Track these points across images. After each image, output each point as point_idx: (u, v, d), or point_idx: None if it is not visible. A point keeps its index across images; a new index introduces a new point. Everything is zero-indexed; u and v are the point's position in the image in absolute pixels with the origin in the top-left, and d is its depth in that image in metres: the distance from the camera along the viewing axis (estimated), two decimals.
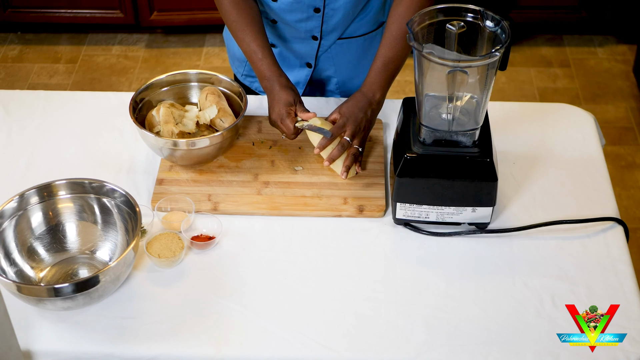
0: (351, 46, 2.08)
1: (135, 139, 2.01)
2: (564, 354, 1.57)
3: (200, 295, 1.67)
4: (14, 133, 2.04)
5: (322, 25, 1.99)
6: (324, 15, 1.96)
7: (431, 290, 1.68)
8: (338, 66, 2.11)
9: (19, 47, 3.94)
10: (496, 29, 1.62)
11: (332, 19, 1.97)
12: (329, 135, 1.82)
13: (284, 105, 1.86)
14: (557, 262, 1.73)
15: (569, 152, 1.98)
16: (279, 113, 1.87)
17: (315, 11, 1.95)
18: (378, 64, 1.90)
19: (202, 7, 3.79)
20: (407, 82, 3.67)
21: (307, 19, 1.97)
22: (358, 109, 1.86)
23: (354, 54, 2.09)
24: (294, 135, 1.87)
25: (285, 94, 1.87)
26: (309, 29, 2.00)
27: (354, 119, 1.84)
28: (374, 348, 1.58)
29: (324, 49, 2.07)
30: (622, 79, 3.72)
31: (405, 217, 1.78)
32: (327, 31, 2.01)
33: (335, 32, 2.02)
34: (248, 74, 2.19)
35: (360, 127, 1.84)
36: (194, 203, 1.81)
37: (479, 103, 1.70)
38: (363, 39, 2.08)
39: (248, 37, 1.93)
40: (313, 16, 1.96)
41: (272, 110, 1.89)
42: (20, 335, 1.50)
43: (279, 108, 1.87)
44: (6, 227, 1.69)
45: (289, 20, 1.98)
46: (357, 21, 2.03)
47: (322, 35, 2.02)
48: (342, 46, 2.08)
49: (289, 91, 1.88)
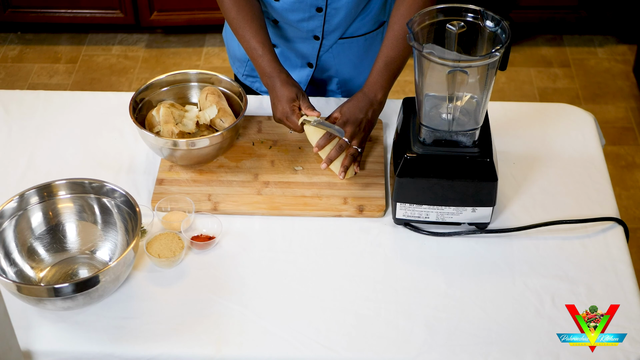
0: (352, 46, 2.08)
1: (135, 139, 2.01)
2: (564, 354, 1.57)
3: (200, 295, 1.67)
4: (14, 133, 2.04)
5: (324, 24, 1.99)
6: (326, 14, 1.96)
7: (431, 290, 1.68)
8: (339, 66, 2.11)
9: (19, 47, 3.94)
10: (496, 29, 1.62)
11: (334, 18, 1.97)
12: (342, 133, 1.81)
13: (287, 102, 1.86)
14: (557, 262, 1.73)
15: (569, 152, 1.98)
16: (283, 111, 1.87)
17: (317, 10, 1.95)
18: (380, 64, 1.90)
19: (202, 7, 3.78)
20: (407, 82, 3.67)
21: (309, 19, 1.97)
22: (358, 109, 1.86)
23: (355, 53, 2.09)
24: (302, 130, 1.87)
25: (287, 90, 1.87)
26: (311, 29, 2.00)
27: (353, 120, 1.84)
28: (374, 348, 1.58)
29: (325, 48, 2.07)
30: (622, 79, 3.72)
31: (405, 217, 1.78)
32: (329, 31, 2.01)
33: (336, 31, 2.02)
34: (249, 74, 2.19)
35: (360, 128, 1.84)
36: (194, 203, 1.81)
37: (479, 103, 1.70)
38: (364, 38, 2.08)
39: (248, 34, 1.92)
40: (315, 16, 1.96)
41: (275, 108, 1.89)
42: (20, 335, 1.50)
43: (283, 106, 1.86)
44: (6, 227, 1.69)
45: (291, 19, 1.98)
46: (358, 21, 2.03)
47: (324, 34, 2.02)
48: (343, 46, 2.08)
49: (290, 87, 1.88)
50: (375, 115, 1.88)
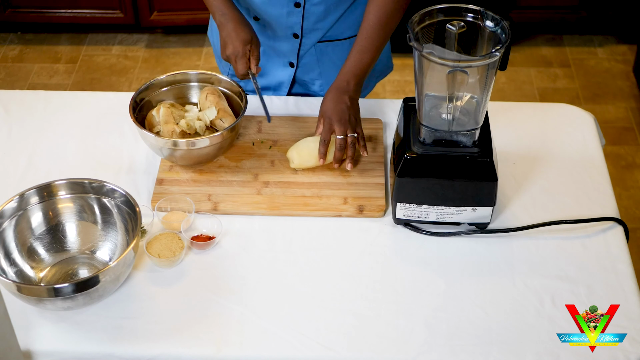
0: (336, 49, 2.08)
1: (135, 139, 2.01)
2: (564, 354, 1.57)
3: (200, 295, 1.67)
4: (14, 133, 2.04)
5: (303, 21, 1.99)
6: (304, 10, 1.96)
7: (431, 290, 1.68)
8: (323, 69, 2.11)
9: (19, 47, 3.94)
10: (496, 29, 1.62)
11: (313, 15, 1.97)
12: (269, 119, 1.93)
13: (241, 42, 1.88)
14: (557, 262, 1.73)
15: (569, 152, 1.98)
16: (234, 50, 1.89)
17: (295, 6, 1.95)
18: (354, 53, 1.90)
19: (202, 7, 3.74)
20: (407, 82, 3.67)
21: (287, 15, 1.97)
22: (334, 103, 1.85)
23: (339, 56, 2.08)
24: (243, 77, 1.91)
25: (243, 31, 1.89)
26: (290, 25, 2.00)
27: (337, 115, 1.84)
28: (374, 348, 1.58)
29: (305, 47, 2.06)
30: (622, 79, 3.72)
31: (405, 217, 1.78)
32: (308, 29, 2.01)
33: (316, 31, 2.02)
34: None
35: (346, 119, 1.84)
36: (194, 203, 1.81)
37: (479, 103, 1.70)
38: (348, 42, 2.07)
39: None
40: (294, 11, 1.96)
41: (225, 45, 1.90)
42: (20, 335, 1.50)
43: (235, 45, 1.88)
44: (6, 227, 1.69)
45: (271, 14, 1.98)
46: (341, 22, 2.03)
47: (303, 33, 2.02)
48: (327, 49, 2.08)
49: (246, 28, 1.89)
50: (353, 101, 1.87)
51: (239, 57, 1.87)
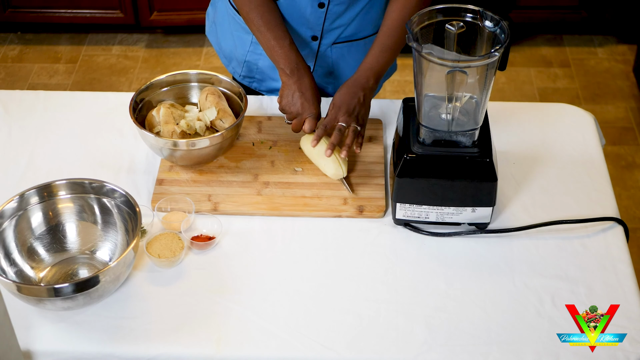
0: (352, 49, 2.08)
1: (135, 139, 2.01)
2: (564, 354, 1.57)
3: (200, 295, 1.67)
4: (14, 133, 2.04)
5: (324, 22, 1.99)
6: (327, 11, 1.96)
7: (431, 290, 1.68)
8: (338, 71, 2.11)
9: (19, 47, 3.94)
10: (495, 29, 1.62)
11: (334, 15, 1.98)
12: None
13: (312, 102, 1.88)
14: (557, 262, 1.73)
15: (569, 152, 1.98)
16: (302, 107, 1.88)
17: (319, 6, 1.95)
18: (375, 50, 1.92)
19: (202, 7, 3.77)
20: (407, 82, 3.67)
21: (310, 15, 1.97)
22: (349, 96, 1.87)
23: (354, 57, 2.09)
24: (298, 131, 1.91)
25: (316, 90, 1.91)
26: (311, 27, 2.00)
27: (346, 107, 1.85)
28: (374, 348, 1.58)
29: (322, 49, 2.06)
30: (622, 79, 3.72)
31: (405, 218, 1.78)
32: (327, 29, 2.01)
33: (334, 30, 2.02)
34: (247, 75, 2.18)
35: (354, 112, 1.86)
36: (194, 203, 1.81)
37: (479, 103, 1.70)
38: (364, 42, 2.08)
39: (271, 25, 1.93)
40: (317, 12, 1.96)
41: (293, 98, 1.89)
42: (20, 335, 1.50)
43: (305, 103, 1.88)
44: (6, 227, 1.69)
45: (293, 16, 1.98)
46: (358, 20, 2.03)
47: (323, 34, 2.02)
48: (343, 49, 2.08)
49: (317, 89, 1.91)
50: (367, 98, 1.89)
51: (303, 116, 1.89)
